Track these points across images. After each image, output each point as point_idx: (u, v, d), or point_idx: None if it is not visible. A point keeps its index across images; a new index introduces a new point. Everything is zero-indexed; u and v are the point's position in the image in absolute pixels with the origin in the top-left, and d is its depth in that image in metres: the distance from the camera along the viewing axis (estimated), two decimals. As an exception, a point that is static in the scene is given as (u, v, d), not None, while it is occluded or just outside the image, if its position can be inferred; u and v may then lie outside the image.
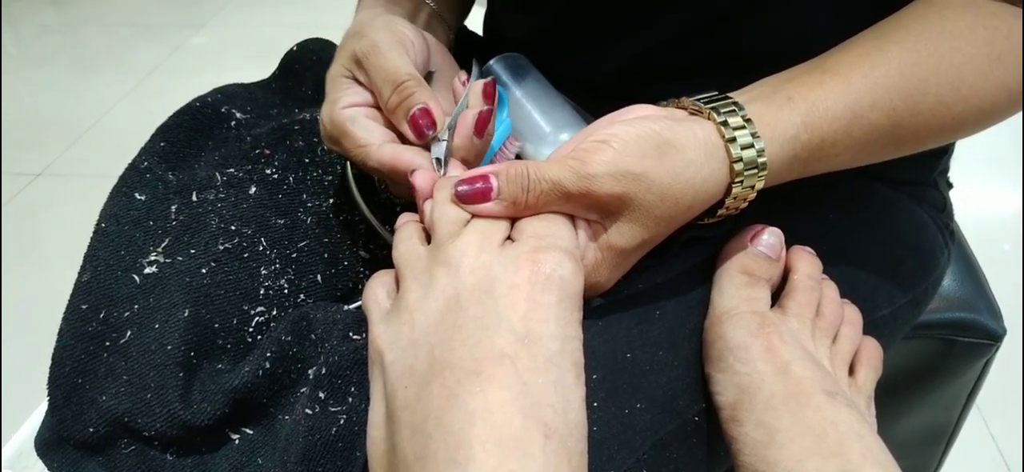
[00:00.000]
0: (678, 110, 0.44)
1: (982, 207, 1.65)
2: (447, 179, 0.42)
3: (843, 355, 0.47)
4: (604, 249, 0.41)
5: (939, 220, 0.61)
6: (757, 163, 0.41)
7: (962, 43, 0.43)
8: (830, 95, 0.42)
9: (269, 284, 0.46)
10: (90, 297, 0.45)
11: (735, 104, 0.42)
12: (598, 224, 0.41)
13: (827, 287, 0.49)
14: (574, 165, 0.39)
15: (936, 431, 0.76)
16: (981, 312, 0.67)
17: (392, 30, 0.47)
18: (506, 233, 0.40)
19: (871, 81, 0.43)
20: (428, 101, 0.44)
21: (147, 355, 0.42)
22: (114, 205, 0.49)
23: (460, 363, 0.34)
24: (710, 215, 0.45)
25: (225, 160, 0.51)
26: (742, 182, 0.41)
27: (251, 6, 2.87)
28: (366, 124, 0.45)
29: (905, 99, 0.43)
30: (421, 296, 0.38)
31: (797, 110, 0.42)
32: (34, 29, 2.75)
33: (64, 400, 0.43)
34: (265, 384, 0.42)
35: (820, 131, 0.42)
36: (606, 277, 0.43)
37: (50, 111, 2.19)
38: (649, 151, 0.39)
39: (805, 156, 0.43)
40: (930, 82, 0.43)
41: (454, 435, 0.32)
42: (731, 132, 0.41)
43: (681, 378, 0.45)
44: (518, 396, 0.33)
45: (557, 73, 0.59)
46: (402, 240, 0.42)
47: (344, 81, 0.47)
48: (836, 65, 0.44)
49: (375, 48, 0.46)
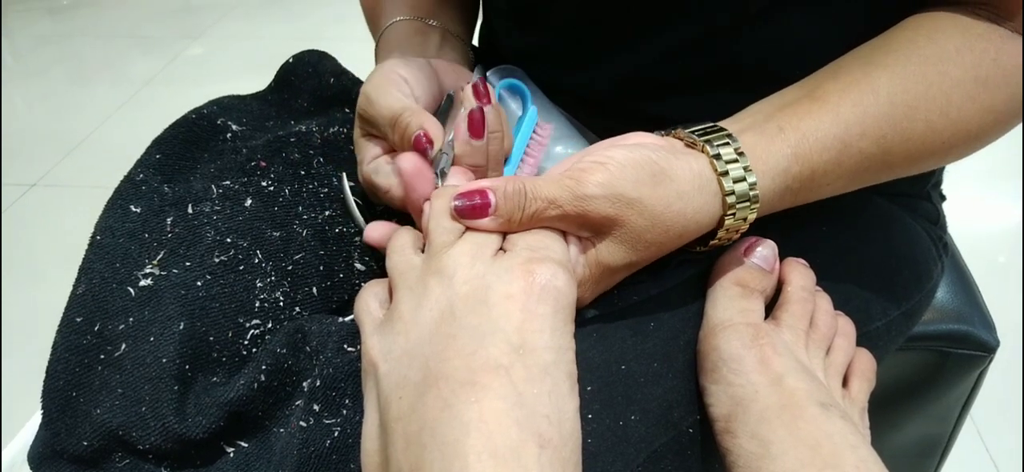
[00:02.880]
0: (675, 141, 0.44)
1: (976, 219, 1.65)
2: (444, 189, 0.42)
3: (837, 367, 0.48)
4: (592, 265, 0.42)
5: (933, 232, 0.61)
6: (749, 196, 0.42)
7: (950, 67, 0.43)
8: (820, 126, 0.43)
9: (264, 297, 0.46)
10: (84, 309, 0.45)
11: (728, 136, 0.42)
12: (588, 240, 0.42)
13: (821, 299, 0.49)
14: (570, 185, 0.39)
15: (930, 443, 0.76)
16: (974, 324, 0.67)
17: (382, 74, 0.49)
18: (499, 244, 0.40)
19: (860, 110, 0.43)
20: (424, 123, 0.45)
21: (142, 368, 0.42)
22: (109, 217, 0.49)
23: (455, 373, 0.34)
24: (703, 244, 0.45)
25: (221, 172, 0.51)
26: (734, 215, 0.42)
27: (247, 18, 2.88)
28: (387, 170, 0.47)
29: (895, 126, 0.43)
30: (415, 306, 0.38)
31: (788, 141, 0.43)
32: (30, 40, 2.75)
33: (58, 413, 0.42)
34: (260, 397, 0.42)
35: (810, 162, 0.43)
36: (590, 291, 0.43)
37: (46, 122, 2.19)
38: (645, 178, 0.40)
39: (796, 187, 0.44)
40: (919, 108, 0.43)
41: (449, 446, 0.32)
42: (723, 166, 0.41)
43: (676, 390, 0.45)
44: (513, 407, 0.33)
45: (553, 86, 0.59)
46: (395, 250, 0.42)
47: (363, 141, 0.50)
48: (825, 93, 0.44)
49: (368, 99, 0.48)
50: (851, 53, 0.47)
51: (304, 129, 0.56)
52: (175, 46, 2.62)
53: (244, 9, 2.96)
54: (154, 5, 3.00)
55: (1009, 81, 0.44)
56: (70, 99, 2.31)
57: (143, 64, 2.50)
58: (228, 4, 3.00)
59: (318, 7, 2.90)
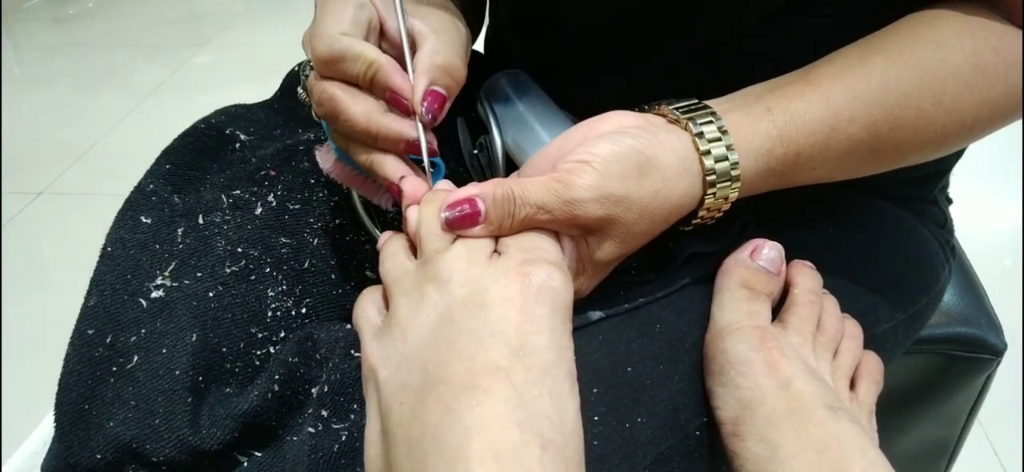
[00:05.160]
0: (657, 117, 0.44)
1: (982, 222, 1.64)
2: (434, 192, 0.42)
3: (844, 369, 0.48)
4: (585, 261, 0.42)
5: (940, 236, 0.61)
6: (730, 175, 0.42)
7: (948, 53, 0.43)
8: (809, 108, 0.43)
9: (276, 306, 0.46)
10: (96, 322, 0.45)
11: (712, 114, 0.42)
12: (580, 239, 0.42)
13: (827, 301, 0.49)
14: (557, 189, 0.39)
15: (938, 446, 0.75)
16: (982, 327, 0.67)
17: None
18: (493, 246, 0.41)
19: (851, 95, 0.43)
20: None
21: (155, 380, 0.42)
22: (120, 229, 0.49)
23: (455, 377, 0.34)
24: (685, 224, 0.45)
25: (230, 182, 0.51)
26: (714, 194, 0.42)
27: (252, 26, 2.88)
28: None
29: (885, 113, 0.43)
30: (412, 312, 0.38)
31: (775, 122, 0.42)
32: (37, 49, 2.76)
33: (71, 426, 0.42)
34: (273, 407, 0.42)
35: (796, 144, 0.43)
36: (585, 287, 0.44)
37: (53, 130, 2.20)
38: (631, 172, 0.40)
39: (780, 169, 0.43)
40: (912, 95, 0.43)
41: (451, 450, 0.32)
42: (706, 145, 0.41)
43: (682, 392, 0.45)
44: (514, 409, 0.33)
45: (555, 97, 0.60)
46: (388, 256, 0.42)
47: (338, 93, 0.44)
48: (819, 77, 0.44)
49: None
50: (854, 42, 0.46)
51: (312, 137, 0.57)
52: (181, 54, 2.63)
53: (249, 17, 2.97)
54: (160, 13, 3.01)
55: (1009, 73, 0.43)
56: (76, 107, 2.31)
57: (149, 72, 2.50)
58: (233, 12, 3.01)
59: (323, 14, 2.90)
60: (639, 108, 0.46)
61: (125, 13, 3.03)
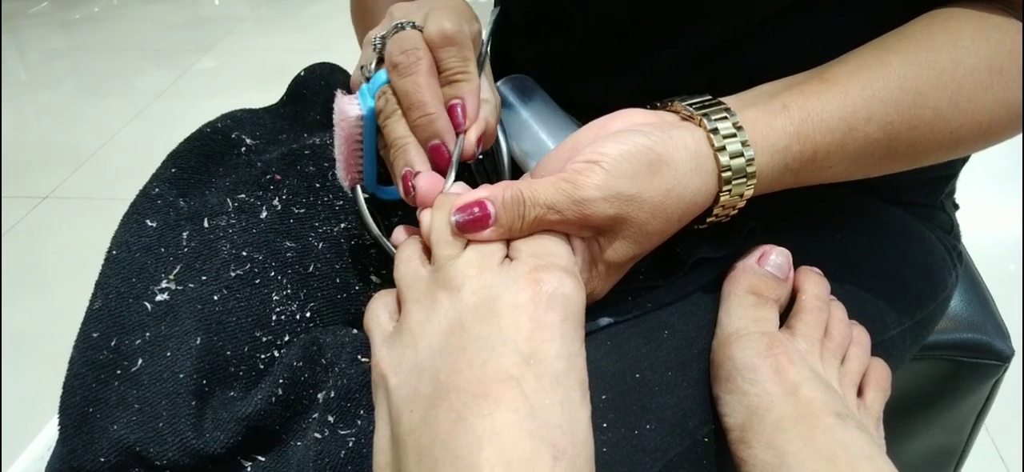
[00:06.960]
0: (669, 114, 0.44)
1: (988, 227, 1.64)
2: (445, 196, 0.42)
3: (852, 376, 0.47)
4: (599, 263, 0.42)
5: (947, 241, 0.61)
6: (746, 172, 0.41)
7: (964, 54, 0.43)
8: (826, 106, 0.42)
9: (281, 310, 0.46)
10: (101, 325, 0.45)
11: (727, 110, 0.42)
12: (592, 240, 0.42)
13: (835, 308, 0.49)
14: (567, 189, 0.39)
15: (945, 453, 0.75)
16: (989, 333, 0.67)
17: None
18: (505, 251, 0.40)
19: (868, 93, 0.42)
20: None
21: (159, 383, 0.42)
22: (125, 232, 0.49)
23: (466, 386, 0.34)
24: (700, 222, 0.45)
25: (236, 186, 0.52)
26: (730, 191, 0.42)
27: (258, 30, 2.89)
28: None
29: (902, 113, 0.43)
30: (424, 319, 0.38)
31: (791, 119, 0.42)
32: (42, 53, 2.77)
33: (75, 429, 0.42)
34: (278, 411, 0.42)
35: (813, 142, 0.42)
36: (600, 289, 0.43)
37: (58, 134, 2.20)
38: (641, 170, 0.39)
39: (796, 167, 0.43)
40: (929, 95, 0.43)
41: (462, 459, 0.32)
42: (721, 140, 0.41)
43: (691, 399, 0.45)
44: (526, 418, 0.33)
45: (565, 98, 0.59)
46: (402, 261, 0.42)
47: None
48: (835, 76, 0.44)
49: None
50: (868, 43, 0.46)
51: (318, 141, 0.57)
52: (186, 59, 2.63)
53: (255, 21, 2.98)
54: (165, 18, 3.02)
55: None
56: (82, 112, 2.32)
57: (154, 77, 2.51)
58: (239, 17, 3.02)
59: (328, 19, 2.91)
60: (652, 105, 0.46)
61: (130, 18, 3.04)
